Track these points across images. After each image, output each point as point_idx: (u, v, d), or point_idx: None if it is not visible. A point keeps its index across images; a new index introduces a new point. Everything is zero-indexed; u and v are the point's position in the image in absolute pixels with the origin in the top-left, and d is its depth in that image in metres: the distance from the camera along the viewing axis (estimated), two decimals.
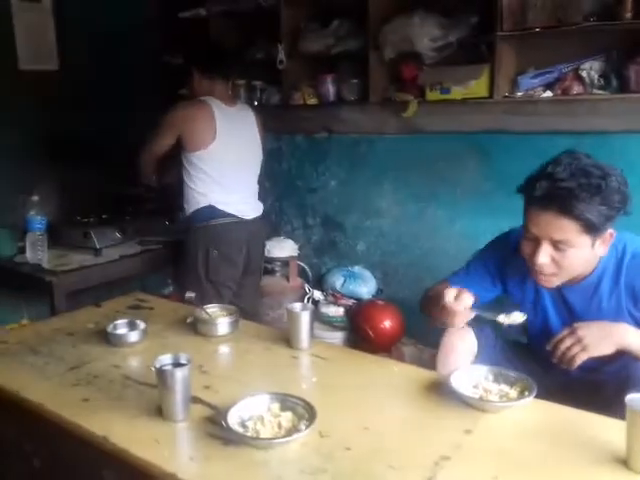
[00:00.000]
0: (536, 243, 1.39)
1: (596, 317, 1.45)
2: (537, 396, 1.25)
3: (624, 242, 1.46)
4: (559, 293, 1.53)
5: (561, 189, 1.32)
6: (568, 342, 1.34)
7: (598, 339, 1.33)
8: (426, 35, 2.50)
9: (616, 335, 1.34)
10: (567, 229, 1.34)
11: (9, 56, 2.79)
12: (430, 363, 1.76)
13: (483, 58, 2.48)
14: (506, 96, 2.42)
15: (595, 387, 1.45)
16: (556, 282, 1.45)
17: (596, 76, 2.26)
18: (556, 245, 1.37)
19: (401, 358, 2.76)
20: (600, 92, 2.24)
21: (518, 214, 2.48)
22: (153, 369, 1.21)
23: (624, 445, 1.04)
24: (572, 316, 1.51)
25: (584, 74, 2.25)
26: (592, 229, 1.34)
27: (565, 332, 1.36)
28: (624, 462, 1.03)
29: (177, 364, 1.22)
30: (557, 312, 1.56)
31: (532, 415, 1.22)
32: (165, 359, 1.23)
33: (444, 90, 2.56)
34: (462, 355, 1.52)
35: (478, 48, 2.51)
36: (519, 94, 2.39)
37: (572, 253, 1.37)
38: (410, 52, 2.57)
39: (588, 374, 1.44)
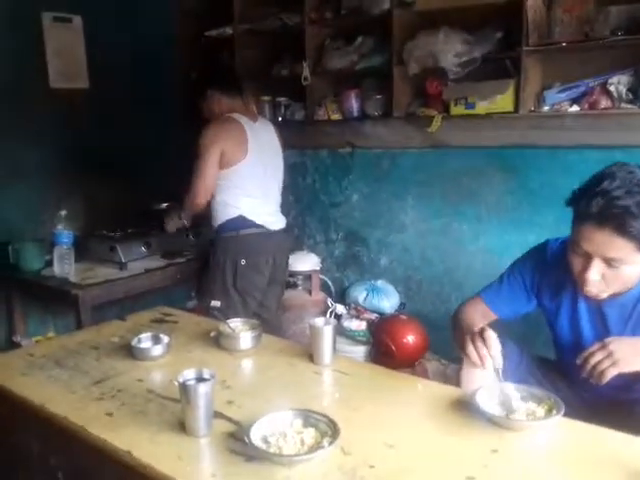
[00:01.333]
0: (587, 259, 1.36)
1: (632, 333, 1.42)
2: (564, 415, 1.22)
3: None
4: (597, 306, 1.49)
5: (618, 207, 1.27)
6: (599, 356, 1.30)
7: (630, 355, 1.29)
8: (450, 51, 2.50)
9: None
10: (622, 248, 1.30)
11: (41, 74, 2.87)
12: (454, 379, 1.73)
13: (508, 73, 2.47)
14: (532, 111, 2.40)
15: (626, 406, 1.41)
16: (604, 296, 1.42)
17: (624, 90, 2.23)
18: (609, 262, 1.33)
19: (424, 374, 2.72)
20: (629, 106, 2.21)
21: (544, 229, 2.47)
22: (176, 383, 1.21)
23: None
24: (607, 331, 1.47)
25: (612, 88, 2.23)
26: None
27: (596, 346, 1.32)
28: None
29: (200, 379, 1.22)
30: (592, 326, 1.52)
31: (559, 434, 1.19)
32: (188, 374, 1.23)
33: (469, 105, 2.55)
34: (487, 371, 1.50)
35: (503, 63, 2.50)
36: (545, 109, 2.37)
37: (624, 270, 1.34)
38: (434, 68, 2.58)
39: (619, 392, 1.40)
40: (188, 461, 1.12)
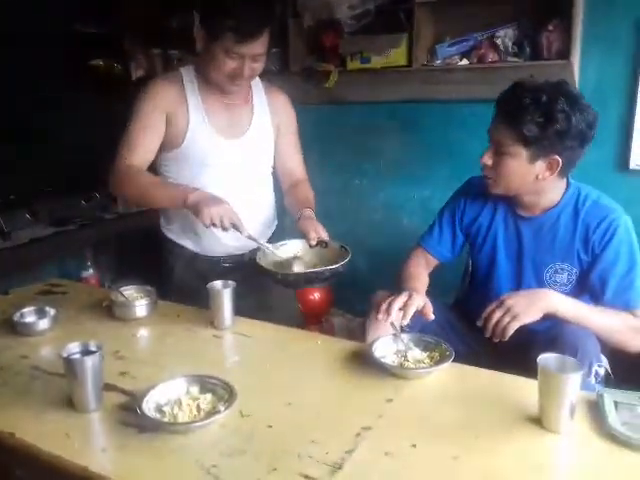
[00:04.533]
0: (488, 148, 1.52)
1: (544, 254, 1.56)
2: (468, 359, 1.28)
3: (587, 191, 1.56)
4: (514, 225, 1.61)
5: (514, 97, 1.44)
6: (498, 313, 1.37)
7: (526, 306, 1.37)
8: (344, 2, 2.46)
9: (543, 300, 1.39)
10: (504, 134, 1.46)
11: None
12: (358, 333, 1.78)
13: (402, 27, 2.47)
14: (424, 65, 2.43)
15: (525, 347, 1.49)
16: (497, 189, 1.55)
17: (510, 44, 2.30)
18: (497, 149, 1.49)
19: (331, 329, 2.78)
20: (514, 59, 2.29)
21: (440, 183, 2.54)
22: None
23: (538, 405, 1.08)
24: (520, 251, 1.60)
25: (499, 42, 2.30)
26: (528, 142, 1.43)
27: (494, 305, 1.39)
28: (538, 421, 1.07)
29: (87, 351, 1.16)
30: (506, 245, 1.63)
31: (451, 380, 1.24)
32: (73, 347, 1.16)
33: (364, 59, 2.54)
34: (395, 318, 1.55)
35: (397, 17, 2.50)
36: (437, 62, 2.40)
37: (508, 161, 1.48)
38: (330, 20, 2.53)
39: (518, 335, 1.49)
40: (76, 438, 1.06)
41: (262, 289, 1.78)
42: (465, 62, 2.35)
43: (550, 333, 1.43)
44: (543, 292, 1.43)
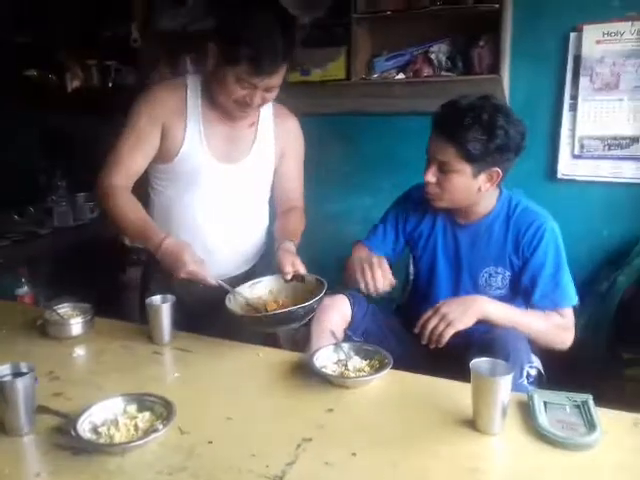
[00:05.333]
0: (428, 164, 1.57)
1: (480, 259, 1.62)
2: (406, 364, 1.31)
3: (518, 199, 1.64)
4: (452, 232, 1.67)
5: (454, 115, 1.48)
6: (434, 321, 1.43)
7: (460, 313, 1.43)
8: None
9: (475, 307, 1.46)
10: (449, 152, 1.50)
11: None
12: (303, 343, 1.78)
13: (340, 41, 2.51)
14: (363, 78, 2.48)
15: (462, 351, 1.53)
16: (441, 204, 1.61)
17: (444, 58, 2.38)
18: (441, 167, 1.53)
19: (277, 340, 2.76)
20: (448, 74, 2.37)
21: (381, 193, 2.59)
22: None
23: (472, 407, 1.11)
24: (458, 257, 1.66)
25: (433, 57, 2.37)
26: (473, 158, 1.48)
27: (429, 312, 1.45)
28: (473, 423, 1.10)
29: (18, 373, 1.12)
30: (445, 252, 1.69)
31: (390, 387, 1.26)
32: (4, 369, 1.12)
33: (304, 72, 2.57)
34: (335, 326, 1.57)
35: (335, 31, 2.54)
36: (375, 76, 2.45)
37: (453, 177, 1.53)
38: None
39: (455, 340, 1.53)
40: (7, 463, 1.02)
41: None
42: (402, 76, 2.41)
43: (484, 337, 1.48)
44: (475, 299, 1.50)
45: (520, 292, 1.62)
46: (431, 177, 1.55)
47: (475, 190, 1.55)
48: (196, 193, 1.62)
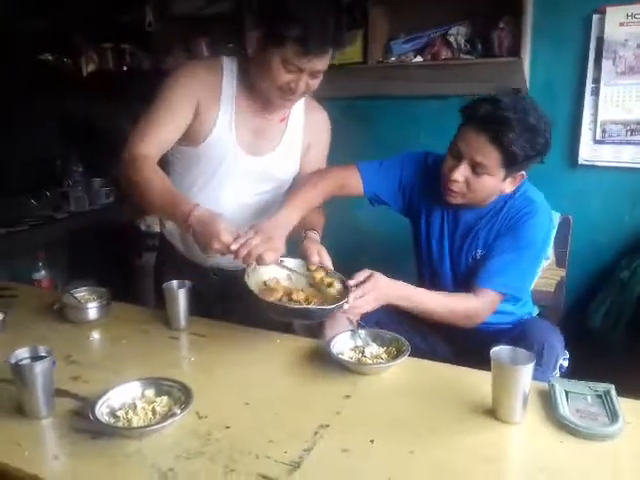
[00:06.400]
0: (458, 160, 1.45)
1: (471, 243, 1.56)
2: (423, 354, 1.29)
3: (524, 187, 1.54)
4: (454, 216, 1.60)
5: (500, 117, 1.37)
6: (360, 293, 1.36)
7: (367, 302, 1.37)
8: None
9: (381, 299, 1.39)
10: (491, 156, 1.40)
11: None
12: (317, 330, 1.77)
13: (357, 24, 2.47)
14: (380, 61, 2.44)
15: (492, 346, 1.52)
16: (460, 201, 1.51)
17: (463, 41, 2.33)
18: (474, 167, 1.43)
19: (290, 325, 2.76)
20: (467, 57, 2.32)
21: None
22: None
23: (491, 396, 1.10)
24: (453, 240, 1.61)
25: (451, 39, 2.32)
26: (512, 164, 1.41)
27: (358, 292, 1.36)
28: (492, 412, 1.09)
29: (36, 357, 1.12)
30: (441, 234, 1.62)
31: (407, 374, 1.25)
32: (22, 353, 1.13)
33: None
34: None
35: (352, 14, 2.50)
36: (392, 59, 2.41)
37: (485, 180, 1.44)
38: None
39: (485, 334, 1.50)
40: (27, 445, 1.03)
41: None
42: (419, 59, 2.37)
43: (516, 330, 1.46)
44: (380, 285, 1.41)
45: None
46: (460, 176, 1.44)
47: (498, 191, 1.49)
48: (218, 181, 1.58)
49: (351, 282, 1.35)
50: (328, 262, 1.45)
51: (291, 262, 1.47)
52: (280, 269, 1.44)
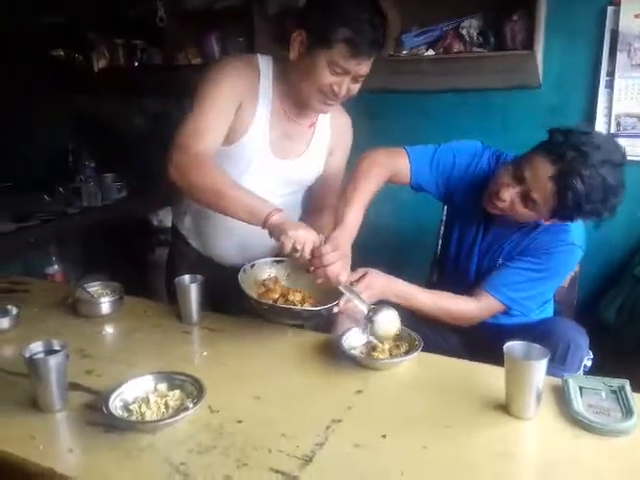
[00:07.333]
0: (512, 181, 1.38)
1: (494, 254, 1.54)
2: (447, 351, 1.29)
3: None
4: (488, 228, 1.57)
5: (580, 162, 1.27)
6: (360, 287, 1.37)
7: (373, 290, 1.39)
8: None
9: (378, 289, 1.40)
10: (547, 199, 1.33)
11: None
12: (326, 327, 1.76)
13: None
14: (391, 55, 2.42)
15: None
16: (497, 212, 1.46)
17: (475, 34, 2.31)
18: (525, 199, 1.37)
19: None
20: (479, 50, 2.30)
21: None
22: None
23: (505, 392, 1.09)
24: (480, 248, 1.58)
25: (464, 32, 2.30)
26: (563, 216, 1.36)
27: (357, 275, 1.38)
28: (505, 408, 1.08)
29: (50, 351, 1.13)
30: (471, 241, 1.60)
31: (419, 370, 1.25)
32: (36, 346, 1.13)
33: None
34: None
35: None
36: (404, 53, 2.40)
37: (531, 214, 1.39)
38: (294, 7, 2.50)
39: (509, 332, 1.48)
40: (41, 439, 1.03)
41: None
42: (431, 52, 2.35)
43: (540, 328, 1.44)
44: (375, 283, 1.41)
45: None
46: (508, 197, 1.38)
47: (538, 220, 1.45)
48: (244, 182, 1.50)
49: (343, 285, 1.32)
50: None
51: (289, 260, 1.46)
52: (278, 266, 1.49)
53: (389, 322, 1.29)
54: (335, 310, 1.32)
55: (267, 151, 1.55)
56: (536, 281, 1.47)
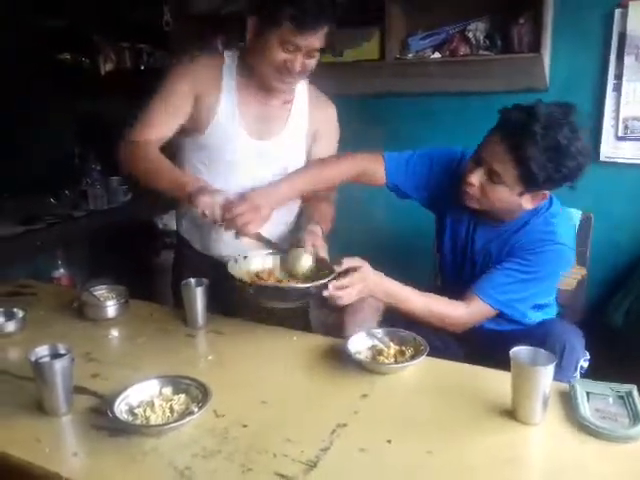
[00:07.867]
0: (477, 165, 1.41)
1: (486, 257, 1.53)
2: (447, 355, 1.28)
3: (548, 213, 1.47)
4: (474, 227, 1.56)
5: (526, 128, 1.30)
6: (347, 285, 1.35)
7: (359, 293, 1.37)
8: None
9: (370, 292, 1.40)
10: (508, 169, 1.35)
11: None
12: (335, 327, 1.76)
13: (375, 20, 2.46)
14: (397, 58, 2.43)
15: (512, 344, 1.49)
16: (475, 205, 1.47)
17: (482, 37, 2.31)
18: (491, 176, 1.38)
19: (308, 324, 2.76)
20: (486, 53, 2.30)
21: None
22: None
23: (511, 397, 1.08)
24: (466, 251, 1.58)
25: (470, 35, 2.30)
26: (529, 181, 1.34)
27: (349, 279, 1.35)
28: (512, 413, 1.08)
29: (56, 354, 1.13)
30: (456, 244, 1.59)
31: (425, 374, 1.24)
32: (42, 350, 1.14)
33: (336, 52, 2.52)
34: (369, 313, 1.53)
35: (368, 10, 2.48)
36: (410, 56, 2.40)
37: (500, 190, 1.39)
38: None
39: (508, 335, 1.45)
40: (47, 442, 1.04)
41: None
42: (437, 55, 2.35)
43: (538, 331, 1.43)
44: (368, 280, 1.39)
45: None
46: (475, 180, 1.40)
47: (515, 205, 1.43)
48: (225, 167, 1.61)
49: (337, 268, 1.33)
50: (323, 252, 1.45)
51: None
52: (273, 258, 1.49)
53: (302, 259, 1.39)
54: (325, 293, 1.31)
55: (243, 134, 1.59)
56: (525, 282, 1.45)
